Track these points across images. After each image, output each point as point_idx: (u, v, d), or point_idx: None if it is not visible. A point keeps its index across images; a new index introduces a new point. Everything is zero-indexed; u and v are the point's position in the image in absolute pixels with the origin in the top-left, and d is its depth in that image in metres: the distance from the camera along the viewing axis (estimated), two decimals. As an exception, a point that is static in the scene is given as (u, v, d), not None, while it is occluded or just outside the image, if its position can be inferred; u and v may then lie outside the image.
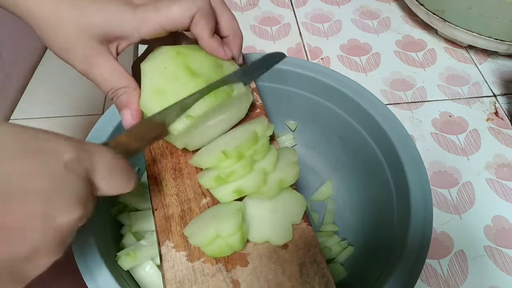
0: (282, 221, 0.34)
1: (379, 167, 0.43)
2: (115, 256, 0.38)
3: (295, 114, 0.52)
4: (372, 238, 0.45)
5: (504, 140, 0.58)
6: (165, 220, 0.35)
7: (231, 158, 0.33)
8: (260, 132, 0.36)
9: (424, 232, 0.34)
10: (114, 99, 0.34)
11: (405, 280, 0.32)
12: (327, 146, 0.52)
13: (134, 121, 0.34)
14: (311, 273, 0.32)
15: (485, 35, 0.63)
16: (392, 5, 0.77)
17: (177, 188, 0.36)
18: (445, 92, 0.64)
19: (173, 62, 0.34)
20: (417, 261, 0.33)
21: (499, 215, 0.51)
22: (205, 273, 0.32)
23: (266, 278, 0.32)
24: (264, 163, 0.35)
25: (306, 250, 0.33)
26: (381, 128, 0.42)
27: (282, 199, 0.35)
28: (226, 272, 0.32)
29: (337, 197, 0.51)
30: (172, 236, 0.34)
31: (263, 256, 0.33)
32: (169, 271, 0.32)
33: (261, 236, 0.33)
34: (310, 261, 0.33)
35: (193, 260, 0.32)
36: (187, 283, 0.31)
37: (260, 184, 0.34)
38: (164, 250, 0.33)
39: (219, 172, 0.33)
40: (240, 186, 0.33)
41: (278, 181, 0.34)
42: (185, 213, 0.35)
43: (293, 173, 0.35)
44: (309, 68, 0.47)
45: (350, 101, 0.44)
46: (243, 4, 0.76)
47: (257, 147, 0.35)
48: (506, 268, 0.47)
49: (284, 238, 0.33)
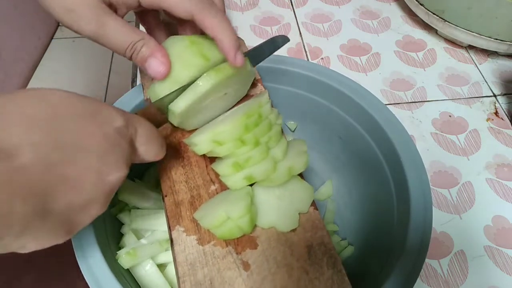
0: (289, 209, 0.35)
1: (379, 167, 0.43)
2: (115, 255, 0.38)
3: (295, 114, 0.52)
4: (371, 238, 0.45)
5: (504, 140, 0.58)
6: (175, 206, 0.35)
7: (248, 145, 0.34)
8: (272, 119, 0.37)
9: (424, 232, 0.35)
10: (134, 54, 0.34)
11: (405, 279, 0.32)
12: (327, 146, 0.52)
13: (164, 66, 0.34)
14: (319, 254, 0.33)
15: (485, 35, 0.63)
16: (392, 5, 0.77)
17: (186, 175, 0.37)
18: (445, 92, 0.64)
19: (189, 51, 0.35)
20: (416, 261, 0.33)
21: (499, 215, 0.51)
22: (215, 255, 0.33)
23: (275, 259, 0.32)
24: (275, 151, 0.36)
25: (314, 233, 0.34)
26: (381, 129, 0.42)
27: (290, 187, 0.36)
28: (236, 254, 0.33)
29: (337, 197, 0.51)
30: (182, 221, 0.34)
31: (271, 238, 0.34)
32: (180, 254, 0.33)
33: (268, 222, 0.34)
34: (318, 243, 0.34)
35: (204, 243, 0.33)
36: (198, 265, 0.32)
37: (270, 171, 0.34)
38: (175, 234, 0.34)
39: (236, 159, 0.34)
40: (250, 173, 0.34)
41: (287, 168, 0.35)
42: (195, 199, 0.36)
43: (302, 161, 0.36)
44: (309, 68, 0.47)
45: (350, 101, 0.44)
46: (243, 4, 0.76)
47: (271, 134, 0.36)
48: (506, 268, 0.47)
49: (290, 225, 0.34)
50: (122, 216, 0.43)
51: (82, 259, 0.33)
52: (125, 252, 0.38)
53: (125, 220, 0.42)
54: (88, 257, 0.33)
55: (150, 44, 0.34)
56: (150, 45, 0.34)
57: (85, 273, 0.32)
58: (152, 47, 0.34)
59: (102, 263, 0.33)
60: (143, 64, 0.34)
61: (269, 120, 0.36)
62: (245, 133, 0.34)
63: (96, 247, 0.34)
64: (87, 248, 0.33)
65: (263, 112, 0.36)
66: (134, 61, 0.35)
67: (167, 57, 0.34)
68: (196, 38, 0.37)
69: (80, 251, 0.33)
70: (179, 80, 0.35)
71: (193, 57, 0.35)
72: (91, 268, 0.32)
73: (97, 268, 0.33)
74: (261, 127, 0.35)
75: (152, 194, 0.43)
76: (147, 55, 0.34)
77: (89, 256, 0.33)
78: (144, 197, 0.42)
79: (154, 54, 0.34)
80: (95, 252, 0.33)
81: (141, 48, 0.34)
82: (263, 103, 0.37)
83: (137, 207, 0.43)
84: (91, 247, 0.34)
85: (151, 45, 0.34)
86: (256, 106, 0.36)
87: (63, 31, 1.32)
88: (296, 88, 0.48)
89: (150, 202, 0.42)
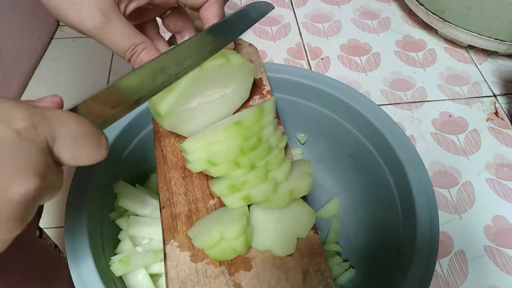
0: (287, 233, 0.33)
1: (388, 189, 0.42)
2: (109, 261, 0.37)
3: (306, 127, 0.51)
4: (374, 262, 0.43)
5: (504, 140, 0.58)
6: (171, 219, 0.34)
7: (242, 168, 0.33)
8: (273, 143, 0.35)
9: (428, 262, 0.33)
10: (134, 56, 0.33)
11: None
12: (337, 162, 0.50)
13: None
14: (315, 281, 0.32)
15: (485, 35, 0.63)
16: (392, 5, 0.77)
17: (185, 187, 0.36)
18: (445, 92, 0.63)
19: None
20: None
21: (499, 215, 0.51)
22: (208, 274, 0.32)
23: (269, 284, 0.31)
24: (277, 173, 0.34)
25: (311, 258, 0.33)
26: (394, 152, 0.40)
27: (291, 211, 0.34)
28: (229, 275, 0.32)
29: (343, 216, 0.49)
30: (177, 235, 0.34)
31: (267, 261, 0.32)
32: (172, 270, 0.32)
33: (264, 245, 0.33)
34: (315, 270, 0.32)
35: (197, 261, 0.32)
36: (189, 283, 0.31)
37: (270, 193, 0.33)
38: (168, 249, 0.33)
39: (232, 181, 0.33)
40: (248, 194, 0.33)
41: (289, 190, 0.33)
42: (192, 213, 0.35)
43: (305, 184, 0.34)
44: (322, 81, 0.45)
45: (363, 119, 0.43)
46: (243, 4, 0.76)
47: (270, 158, 0.34)
48: (506, 268, 0.47)
49: (287, 250, 0.33)
50: (120, 221, 0.42)
51: (73, 262, 0.32)
52: (118, 259, 0.37)
53: (123, 226, 0.42)
54: (79, 261, 0.33)
55: (151, 49, 0.33)
56: (150, 49, 0.33)
57: (74, 277, 0.32)
58: (152, 52, 0.33)
59: (92, 269, 0.32)
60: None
61: (268, 143, 0.34)
62: (240, 156, 0.33)
63: (88, 252, 0.33)
64: (79, 253, 0.33)
65: (264, 135, 0.34)
66: (132, 64, 0.34)
67: None
68: None
69: (72, 254, 0.33)
70: (174, 87, 0.34)
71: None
72: (81, 272, 0.32)
73: (87, 272, 0.32)
74: (258, 151, 0.33)
75: (152, 201, 0.42)
76: (146, 59, 0.33)
77: (80, 259, 0.33)
78: (143, 204, 0.42)
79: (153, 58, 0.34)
80: (87, 257, 0.33)
81: (142, 51, 0.33)
82: (266, 124, 0.35)
83: (136, 214, 0.42)
84: (83, 252, 0.33)
85: (151, 50, 0.33)
86: (258, 129, 0.34)
87: (63, 31, 1.32)
88: (308, 101, 0.47)
89: (149, 210, 0.42)
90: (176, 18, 0.40)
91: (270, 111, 0.35)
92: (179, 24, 0.40)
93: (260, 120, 0.34)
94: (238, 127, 0.32)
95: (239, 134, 0.32)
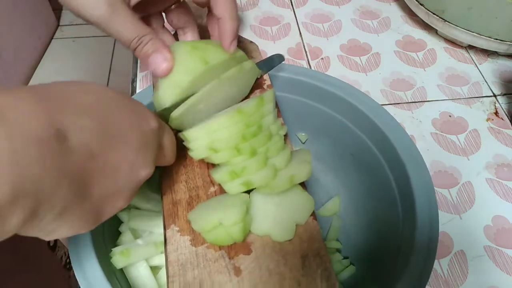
0: (286, 218, 0.34)
1: (389, 189, 0.42)
2: (110, 253, 0.38)
3: (307, 126, 0.51)
4: (374, 259, 0.43)
5: (504, 140, 0.58)
6: (172, 205, 0.35)
7: (243, 154, 0.34)
8: (273, 130, 0.36)
9: (426, 262, 0.33)
10: (140, 47, 0.34)
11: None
12: (338, 161, 0.50)
13: (167, 62, 0.34)
14: (314, 266, 0.32)
15: (485, 35, 0.63)
16: (392, 5, 0.77)
17: (186, 175, 0.37)
18: (445, 92, 0.64)
19: (190, 56, 0.35)
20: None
21: (499, 215, 0.51)
22: (207, 258, 0.32)
23: (268, 267, 0.32)
24: (277, 160, 0.35)
25: (310, 243, 0.33)
26: (396, 152, 0.40)
27: (290, 197, 0.35)
28: (228, 259, 0.32)
29: (344, 214, 0.50)
30: (178, 220, 0.34)
31: (266, 246, 0.33)
32: (172, 254, 0.32)
33: (263, 230, 0.34)
34: (313, 254, 0.33)
35: (197, 244, 0.33)
36: (189, 266, 0.32)
37: (270, 178, 0.34)
38: (169, 233, 0.34)
39: (233, 167, 0.34)
40: (248, 179, 0.33)
41: (289, 176, 0.34)
42: (193, 200, 0.36)
43: (305, 171, 0.35)
44: (324, 80, 0.45)
45: (365, 118, 0.43)
46: (243, 4, 0.76)
47: (270, 144, 0.35)
48: (506, 268, 0.47)
49: (285, 235, 0.33)
50: (121, 214, 0.42)
51: (75, 254, 0.33)
52: (118, 251, 0.37)
53: (124, 219, 0.42)
54: (80, 253, 0.33)
55: (156, 40, 0.34)
56: (156, 41, 0.34)
57: (76, 268, 0.32)
58: (157, 45, 0.34)
59: (94, 260, 0.33)
60: (146, 58, 0.34)
61: (269, 131, 0.35)
62: (241, 143, 0.34)
63: (89, 244, 0.33)
64: (81, 244, 0.33)
65: (264, 123, 0.36)
66: (137, 55, 0.34)
67: (171, 55, 0.34)
68: (197, 43, 0.37)
69: (74, 245, 0.33)
70: (180, 84, 0.35)
71: (194, 62, 0.36)
72: (82, 264, 0.32)
73: (88, 264, 0.32)
74: (259, 138, 0.34)
75: (153, 196, 0.42)
76: (151, 51, 0.34)
77: (81, 251, 0.33)
78: (145, 198, 0.42)
79: (160, 49, 0.34)
80: (88, 248, 0.33)
81: (148, 42, 0.34)
82: (266, 113, 0.36)
83: (138, 207, 0.42)
84: (84, 243, 0.33)
85: (157, 42, 0.34)
86: (258, 117, 0.35)
87: (63, 31, 1.32)
88: (309, 99, 0.47)
89: (151, 204, 0.42)
90: (180, 13, 0.40)
91: (270, 100, 0.36)
92: (182, 19, 0.41)
93: (260, 108, 0.35)
94: (240, 114, 0.34)
95: (240, 121, 0.34)
